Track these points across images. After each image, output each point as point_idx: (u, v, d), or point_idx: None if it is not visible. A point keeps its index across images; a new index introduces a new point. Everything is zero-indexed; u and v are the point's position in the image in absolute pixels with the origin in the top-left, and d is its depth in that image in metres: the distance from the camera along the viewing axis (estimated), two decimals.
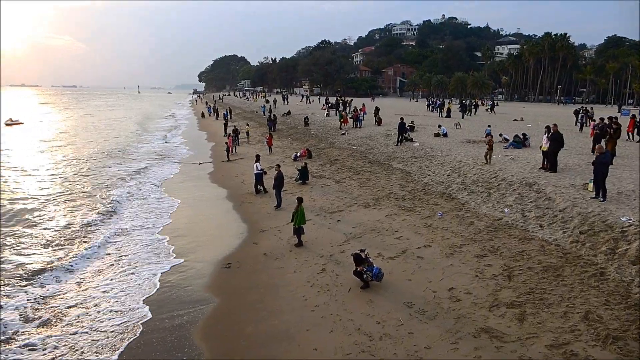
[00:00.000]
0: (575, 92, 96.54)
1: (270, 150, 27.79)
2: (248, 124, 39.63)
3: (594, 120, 24.20)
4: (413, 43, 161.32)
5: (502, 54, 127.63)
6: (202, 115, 60.93)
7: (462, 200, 14.52)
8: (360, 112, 36.40)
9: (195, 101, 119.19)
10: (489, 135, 21.33)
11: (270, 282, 9.97)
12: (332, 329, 7.80)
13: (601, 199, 11.80)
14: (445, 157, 19.95)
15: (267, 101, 66.78)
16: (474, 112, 46.79)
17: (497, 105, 58.57)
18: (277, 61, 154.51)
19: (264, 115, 48.96)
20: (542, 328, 7.33)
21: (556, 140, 15.42)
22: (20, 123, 49.55)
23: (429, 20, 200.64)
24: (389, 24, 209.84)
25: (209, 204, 17.21)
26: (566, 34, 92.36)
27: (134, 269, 10.96)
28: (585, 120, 30.54)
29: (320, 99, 72.24)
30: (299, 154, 25.22)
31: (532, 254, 10.07)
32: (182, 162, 27.08)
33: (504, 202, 13.45)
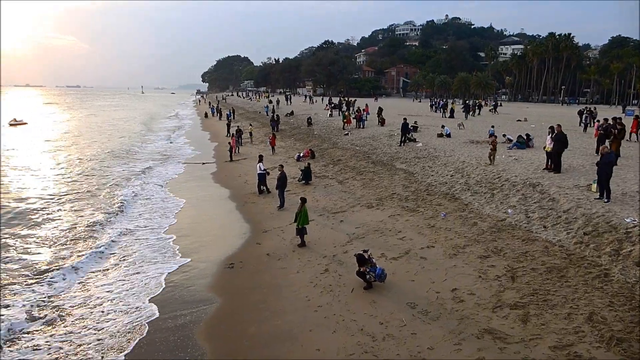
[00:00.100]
0: (579, 93, 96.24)
1: (273, 151, 27.81)
2: (251, 124, 39.71)
3: (598, 121, 24.13)
4: (416, 43, 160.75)
5: (505, 54, 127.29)
6: (205, 115, 61.07)
7: (466, 201, 14.50)
8: (364, 112, 36.44)
9: (198, 101, 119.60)
10: (493, 136, 21.29)
11: (273, 282, 9.99)
12: (335, 330, 7.80)
13: (605, 200, 11.77)
14: (448, 157, 19.92)
15: (270, 101, 66.89)
16: (477, 112, 46.67)
17: (500, 105, 58.39)
18: (280, 61, 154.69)
19: (267, 115, 49.11)
20: (545, 329, 7.31)
21: (560, 140, 15.37)
22: (25, 123, 49.81)
23: (432, 20, 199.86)
24: (392, 25, 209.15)
25: (212, 204, 17.25)
26: (570, 34, 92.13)
27: (139, 269, 11.00)
28: (590, 121, 30.44)
29: (323, 100, 72.22)
30: (302, 154, 25.25)
31: (535, 254, 10.05)
32: (185, 162, 27.17)
33: (508, 203, 13.43)
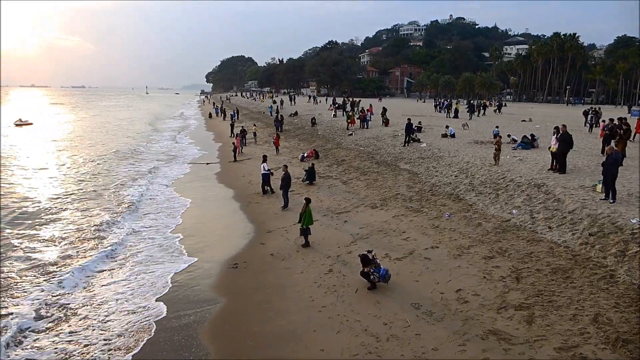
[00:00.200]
0: (584, 93, 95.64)
1: (278, 151, 27.85)
2: (255, 125, 39.74)
3: (604, 121, 23.98)
4: (420, 43, 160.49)
5: (510, 54, 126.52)
6: (210, 115, 61.25)
7: (470, 202, 14.45)
8: (368, 112, 36.39)
9: (203, 102, 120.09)
10: (497, 136, 21.24)
11: (277, 282, 10.00)
12: (339, 330, 7.80)
13: (611, 201, 11.70)
14: (452, 157, 19.87)
15: (274, 102, 66.99)
16: (482, 112, 46.51)
17: (505, 105, 58.13)
18: (284, 62, 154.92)
19: (271, 115, 49.18)
20: (550, 330, 7.28)
21: (565, 141, 15.31)
22: (30, 124, 50.10)
23: (437, 20, 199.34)
24: (396, 25, 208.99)
25: (217, 204, 17.29)
26: (575, 34, 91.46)
27: (146, 268, 11.05)
28: (595, 121, 30.26)
29: (327, 100, 72.25)
30: (306, 155, 25.26)
31: (540, 255, 10.00)
32: (190, 162, 27.26)
33: (512, 204, 13.37)
